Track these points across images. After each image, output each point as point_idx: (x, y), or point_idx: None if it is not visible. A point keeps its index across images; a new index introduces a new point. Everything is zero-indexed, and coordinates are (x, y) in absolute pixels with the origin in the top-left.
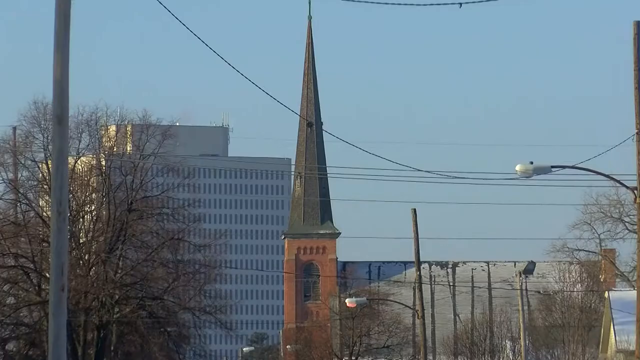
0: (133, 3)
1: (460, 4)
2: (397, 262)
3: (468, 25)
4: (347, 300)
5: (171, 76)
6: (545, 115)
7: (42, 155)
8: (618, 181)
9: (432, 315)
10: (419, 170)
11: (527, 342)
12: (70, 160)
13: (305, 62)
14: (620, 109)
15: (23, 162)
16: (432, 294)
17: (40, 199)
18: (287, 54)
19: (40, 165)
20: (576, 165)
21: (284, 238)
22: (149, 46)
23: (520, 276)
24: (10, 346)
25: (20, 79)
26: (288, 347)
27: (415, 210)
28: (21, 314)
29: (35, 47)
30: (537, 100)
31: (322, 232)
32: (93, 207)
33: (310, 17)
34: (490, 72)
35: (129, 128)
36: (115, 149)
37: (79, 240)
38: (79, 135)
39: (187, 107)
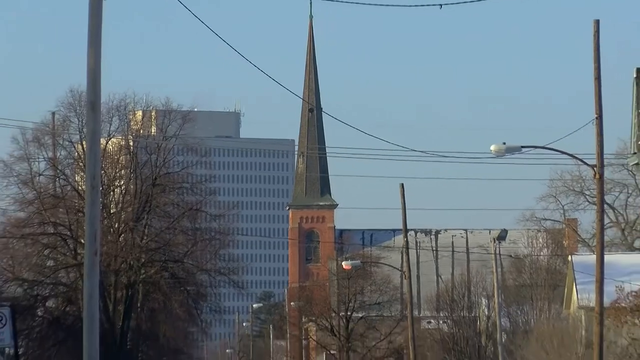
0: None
1: (441, 5)
2: (387, 229)
3: (455, 20)
4: (343, 263)
5: (191, 67)
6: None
7: (78, 136)
8: (580, 159)
9: (417, 276)
10: (406, 149)
11: (500, 299)
12: (102, 141)
13: (307, 54)
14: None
15: (61, 142)
16: (418, 257)
17: (76, 175)
18: (291, 48)
19: (76, 146)
20: (544, 146)
21: (289, 209)
22: (172, 41)
23: (494, 242)
24: (50, 303)
25: (58, 70)
26: (292, 303)
27: (402, 185)
28: (59, 275)
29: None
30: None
31: (321, 203)
32: (122, 182)
33: (311, 17)
34: (474, 64)
35: (153, 113)
36: (141, 132)
37: (110, 210)
38: (110, 119)
39: (204, 95)
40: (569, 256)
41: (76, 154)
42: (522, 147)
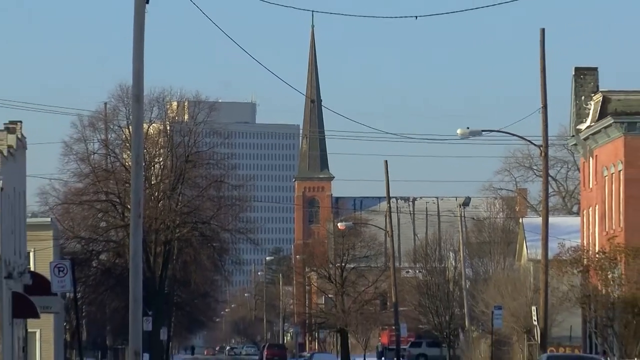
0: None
1: (416, 16)
2: (374, 197)
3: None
4: (338, 224)
5: (216, 64)
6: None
7: (125, 122)
8: (529, 141)
9: (398, 235)
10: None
11: (464, 253)
12: (145, 126)
13: (309, 57)
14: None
15: (111, 127)
16: (398, 219)
17: (124, 153)
18: (296, 52)
19: (123, 130)
20: (500, 130)
21: (294, 181)
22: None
23: (460, 207)
24: (103, 257)
25: (108, 66)
26: (297, 257)
27: (386, 161)
28: (110, 234)
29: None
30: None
31: (321, 176)
32: (160, 159)
33: (313, 26)
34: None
35: (185, 103)
36: (176, 118)
37: (151, 182)
38: (151, 108)
39: (227, 87)
40: (520, 219)
41: (124, 136)
42: (483, 130)
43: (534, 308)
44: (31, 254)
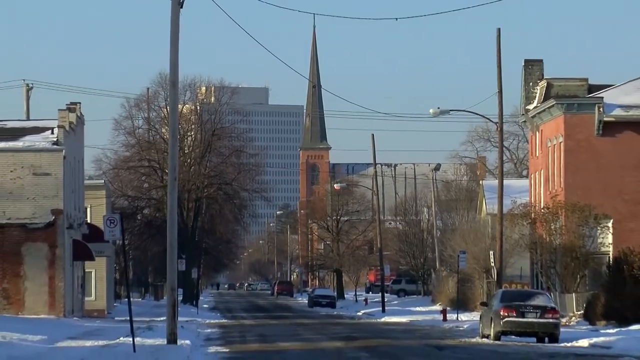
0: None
1: (397, 18)
2: (363, 163)
3: (409, 29)
4: (335, 185)
5: (237, 55)
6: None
7: (164, 103)
8: (488, 118)
9: (382, 194)
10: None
11: (435, 208)
12: (179, 106)
13: (311, 50)
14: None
15: (153, 107)
16: (382, 181)
17: (162, 128)
18: (300, 44)
19: (162, 109)
20: (464, 109)
21: (300, 150)
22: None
23: (432, 172)
24: (145, 211)
25: (150, 55)
26: (302, 211)
27: (373, 134)
28: (151, 193)
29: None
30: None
31: (321, 146)
32: (192, 133)
33: (314, 26)
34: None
35: (212, 88)
36: (204, 100)
37: (184, 151)
38: (184, 92)
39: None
40: (480, 181)
41: (162, 114)
42: (450, 110)
43: (491, 253)
44: (88, 209)
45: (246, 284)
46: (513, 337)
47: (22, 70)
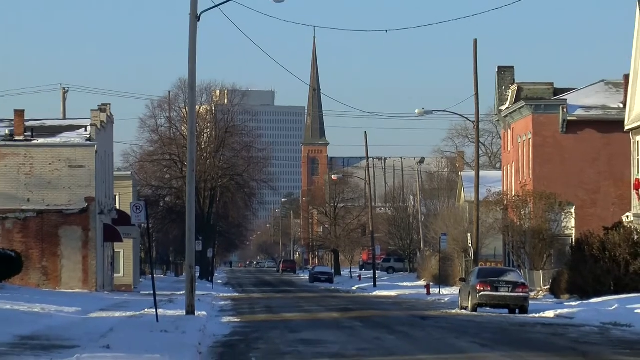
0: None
1: (387, 30)
2: (357, 157)
3: (398, 39)
4: (332, 176)
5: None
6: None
7: (183, 104)
8: (466, 117)
9: (374, 183)
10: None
11: (420, 196)
12: (197, 107)
13: (312, 57)
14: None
15: (174, 108)
16: (374, 173)
17: (182, 126)
18: (302, 53)
19: (181, 109)
20: (445, 110)
21: (302, 145)
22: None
23: (418, 164)
24: (167, 199)
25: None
26: (303, 198)
27: (366, 132)
28: (172, 183)
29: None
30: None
31: (320, 142)
32: (208, 130)
33: (314, 37)
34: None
35: (225, 91)
36: (219, 102)
37: (201, 146)
38: (201, 95)
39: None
40: (459, 172)
41: (182, 114)
42: (433, 110)
43: (469, 235)
44: (117, 197)
45: (255, 262)
46: (488, 309)
47: (59, 75)
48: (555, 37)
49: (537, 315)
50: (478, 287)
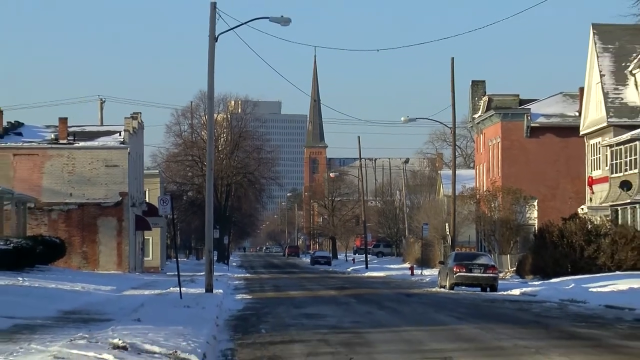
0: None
1: (378, 49)
2: (351, 157)
3: (386, 57)
4: (330, 174)
5: (257, 76)
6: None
7: (203, 112)
8: (444, 124)
9: (366, 180)
10: (357, 118)
11: (405, 191)
12: (215, 115)
13: (313, 72)
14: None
15: (195, 115)
16: (366, 171)
17: (202, 131)
18: (305, 68)
19: (202, 117)
20: (427, 117)
21: (304, 148)
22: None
23: (403, 164)
24: (189, 193)
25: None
26: (306, 193)
27: (359, 136)
28: (194, 180)
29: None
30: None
31: (320, 145)
32: (224, 134)
33: (315, 56)
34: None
35: (239, 102)
36: (233, 110)
37: (219, 148)
38: (219, 104)
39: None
40: (439, 171)
41: (202, 121)
42: (417, 118)
43: (446, 224)
44: (146, 192)
45: (264, 247)
46: (463, 287)
47: (98, 87)
48: (522, 55)
49: (505, 293)
50: (455, 269)
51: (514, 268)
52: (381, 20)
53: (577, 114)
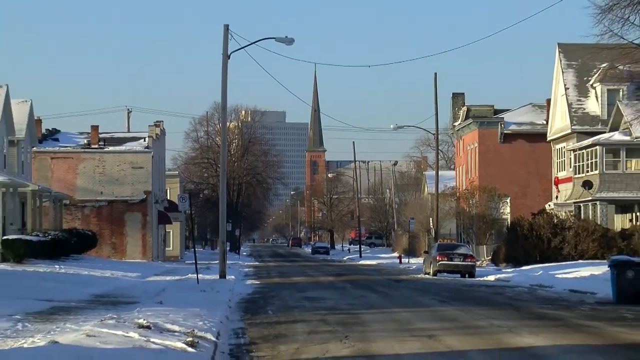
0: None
1: (369, 65)
2: (348, 160)
3: (380, 72)
4: (329, 174)
5: (264, 88)
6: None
7: (217, 121)
8: (428, 131)
9: (360, 180)
10: (354, 126)
11: (394, 190)
12: (227, 123)
13: (313, 84)
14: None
15: (210, 123)
16: (360, 172)
17: (216, 137)
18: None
19: (216, 125)
20: (414, 125)
21: (306, 152)
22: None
23: (392, 166)
24: (205, 192)
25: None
26: (307, 192)
27: (354, 142)
28: (209, 180)
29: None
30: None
31: (320, 149)
32: (235, 140)
33: (315, 69)
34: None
35: (249, 112)
36: (243, 119)
37: (231, 152)
38: (231, 114)
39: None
40: (424, 172)
41: (216, 128)
42: (405, 125)
43: (430, 219)
44: (167, 190)
45: (271, 239)
46: (445, 274)
47: (128, 98)
48: (497, 69)
49: (481, 279)
50: (437, 258)
51: (490, 257)
52: (374, 39)
53: (544, 122)
